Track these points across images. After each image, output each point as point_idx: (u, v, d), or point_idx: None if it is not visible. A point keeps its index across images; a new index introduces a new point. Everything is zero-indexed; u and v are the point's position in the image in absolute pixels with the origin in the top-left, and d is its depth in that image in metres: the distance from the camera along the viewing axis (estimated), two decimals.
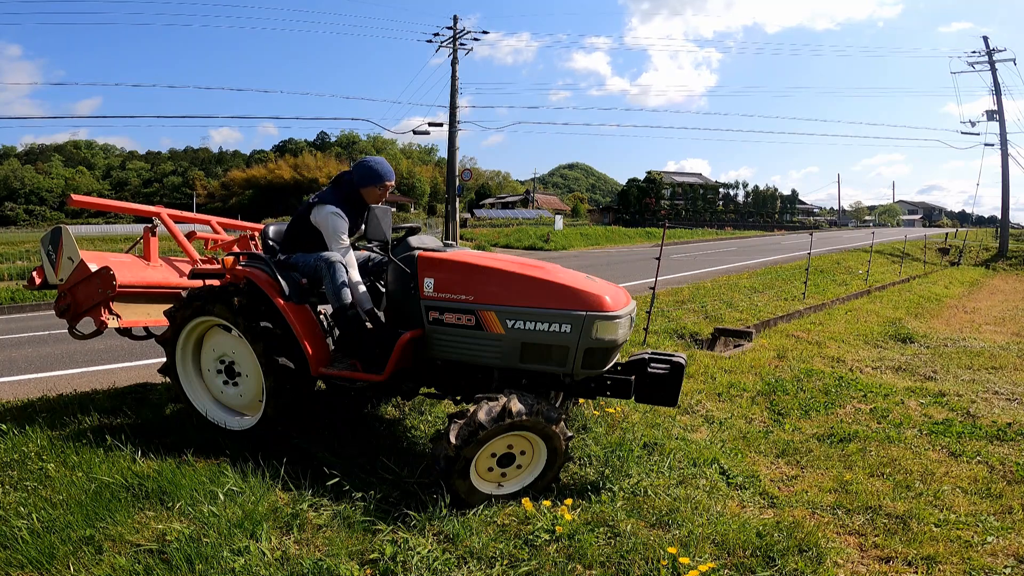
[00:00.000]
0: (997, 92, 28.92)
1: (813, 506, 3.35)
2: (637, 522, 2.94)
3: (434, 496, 2.93)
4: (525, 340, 3.23)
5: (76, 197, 5.24)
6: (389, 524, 2.81)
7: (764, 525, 2.97)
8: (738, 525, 2.93)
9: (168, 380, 4.05)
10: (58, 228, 4.74)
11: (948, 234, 34.53)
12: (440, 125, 26.90)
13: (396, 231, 3.65)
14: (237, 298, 3.59)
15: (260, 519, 2.76)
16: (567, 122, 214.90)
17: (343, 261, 3.61)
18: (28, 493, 3.02)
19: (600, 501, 3.13)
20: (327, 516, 2.89)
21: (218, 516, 2.76)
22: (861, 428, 4.65)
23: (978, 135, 30.01)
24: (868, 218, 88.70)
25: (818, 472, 3.85)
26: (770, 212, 69.45)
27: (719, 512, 3.08)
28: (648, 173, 65.51)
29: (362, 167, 3.79)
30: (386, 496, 3.11)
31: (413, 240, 3.63)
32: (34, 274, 4.90)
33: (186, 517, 2.80)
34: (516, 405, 2.96)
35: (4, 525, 2.71)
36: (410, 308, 3.50)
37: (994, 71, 28.92)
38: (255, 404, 3.78)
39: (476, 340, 3.33)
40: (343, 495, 3.07)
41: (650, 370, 3.56)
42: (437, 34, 27.06)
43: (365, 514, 2.90)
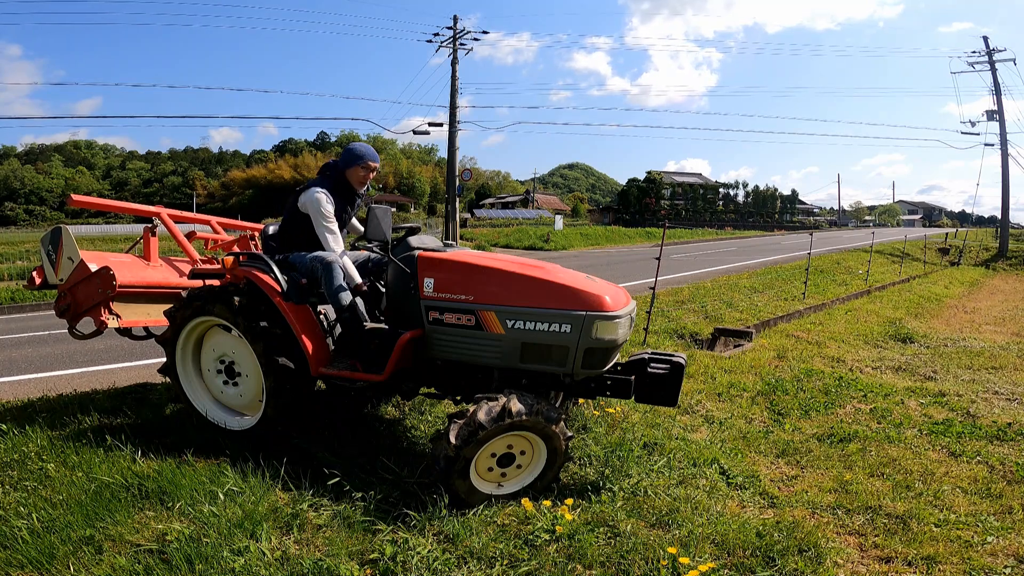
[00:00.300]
0: (997, 92, 28.97)
1: (813, 506, 3.34)
2: (637, 522, 2.94)
3: (434, 496, 2.93)
4: (525, 340, 3.23)
5: (76, 197, 5.24)
6: (389, 524, 2.81)
7: (764, 525, 2.97)
8: (738, 525, 2.93)
9: (168, 380, 4.05)
10: (58, 228, 4.74)
11: (948, 234, 34.53)
12: (440, 125, 26.92)
13: (396, 231, 3.66)
14: (237, 298, 3.60)
15: (260, 519, 2.76)
16: (567, 122, 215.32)
17: (340, 262, 3.61)
18: (28, 493, 3.02)
19: (600, 501, 3.13)
20: (327, 516, 2.89)
21: (218, 516, 2.76)
22: (861, 428, 4.65)
23: (978, 135, 30.06)
24: (868, 218, 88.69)
25: (818, 472, 3.85)
26: (770, 212, 69.44)
27: (719, 512, 3.08)
28: (648, 173, 65.53)
29: (345, 151, 3.91)
30: (386, 496, 3.11)
31: (413, 240, 3.63)
32: (34, 274, 4.90)
33: (186, 517, 2.80)
34: (516, 405, 2.96)
35: (4, 525, 2.71)
36: (410, 308, 3.51)
37: (994, 71, 28.95)
38: (255, 404, 3.78)
39: (476, 340, 3.33)
40: (343, 495, 3.07)
41: (650, 370, 3.56)
42: (437, 34, 27.10)
43: (365, 514, 2.90)
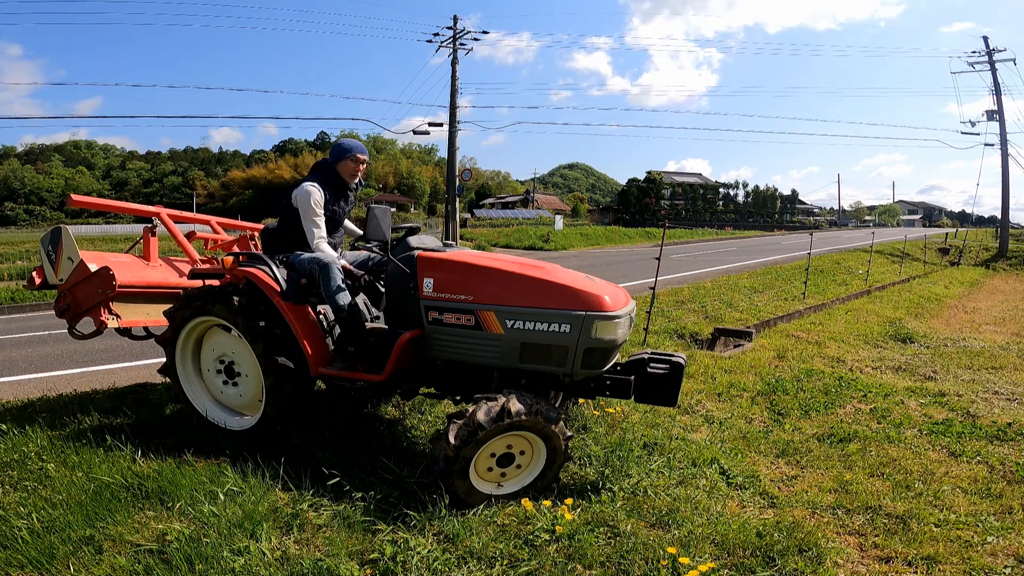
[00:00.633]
0: (997, 92, 28.96)
1: (813, 506, 3.34)
2: (637, 522, 2.93)
3: (434, 496, 2.93)
4: (524, 340, 3.23)
5: (76, 197, 5.24)
6: (389, 524, 2.81)
7: (764, 525, 2.97)
8: (738, 525, 2.93)
9: (168, 380, 4.05)
10: (58, 228, 4.74)
11: (948, 234, 34.52)
12: (440, 125, 26.92)
13: (396, 231, 3.66)
14: (237, 298, 3.60)
15: (260, 519, 2.76)
16: (567, 122, 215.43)
17: (337, 263, 3.61)
18: (28, 493, 3.02)
19: (600, 501, 3.13)
20: (327, 516, 2.89)
21: (218, 516, 2.76)
22: (861, 428, 4.64)
23: (978, 135, 30.05)
24: (868, 218, 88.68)
25: (818, 472, 3.85)
26: (770, 212, 69.42)
27: (719, 512, 3.08)
28: (648, 173, 65.50)
29: (334, 146, 4.02)
30: (386, 496, 3.11)
31: (413, 240, 3.63)
32: (34, 274, 4.90)
33: (186, 517, 2.80)
34: (515, 405, 2.96)
35: (4, 525, 2.71)
36: (410, 308, 3.51)
37: (994, 71, 28.94)
38: (255, 404, 3.78)
39: (476, 340, 3.33)
40: (343, 495, 3.07)
41: (650, 370, 3.56)
42: (437, 34, 27.10)
43: (365, 514, 2.90)
